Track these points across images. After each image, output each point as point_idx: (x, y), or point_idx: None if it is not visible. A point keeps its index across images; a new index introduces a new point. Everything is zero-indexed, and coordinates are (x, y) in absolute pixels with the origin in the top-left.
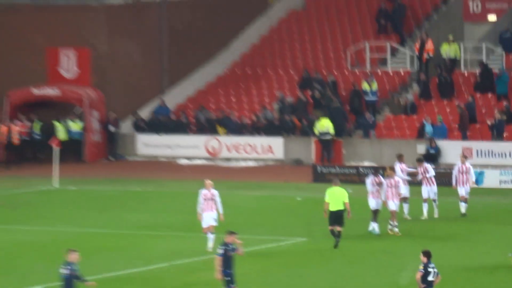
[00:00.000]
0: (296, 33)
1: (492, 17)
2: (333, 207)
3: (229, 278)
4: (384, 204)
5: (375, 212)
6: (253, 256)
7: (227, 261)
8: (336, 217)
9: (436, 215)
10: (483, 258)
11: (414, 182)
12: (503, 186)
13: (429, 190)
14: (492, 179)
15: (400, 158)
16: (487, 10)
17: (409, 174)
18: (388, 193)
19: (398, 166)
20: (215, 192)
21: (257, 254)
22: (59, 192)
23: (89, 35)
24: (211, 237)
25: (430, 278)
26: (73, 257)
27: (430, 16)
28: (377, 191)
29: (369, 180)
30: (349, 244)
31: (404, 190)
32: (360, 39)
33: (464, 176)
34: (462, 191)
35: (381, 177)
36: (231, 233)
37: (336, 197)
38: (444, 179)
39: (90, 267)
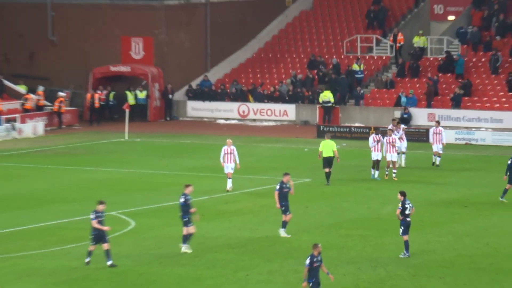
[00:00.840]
0: (306, 27)
1: (451, 17)
2: (325, 154)
3: (283, 208)
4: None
5: (376, 162)
6: (271, 191)
7: (283, 195)
8: (328, 161)
9: (403, 165)
10: (442, 195)
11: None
12: (458, 142)
13: (401, 145)
14: (449, 137)
15: (394, 122)
16: (448, 12)
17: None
18: (388, 147)
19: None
20: (233, 147)
21: (273, 190)
22: (129, 143)
23: (152, 27)
24: (229, 180)
25: (407, 212)
26: (189, 189)
27: (405, 15)
28: (377, 145)
29: (371, 138)
30: (343, 184)
31: (399, 145)
32: (353, 32)
33: (437, 136)
34: (436, 147)
35: (380, 135)
36: (286, 174)
37: (327, 147)
38: (414, 136)
39: (153, 198)
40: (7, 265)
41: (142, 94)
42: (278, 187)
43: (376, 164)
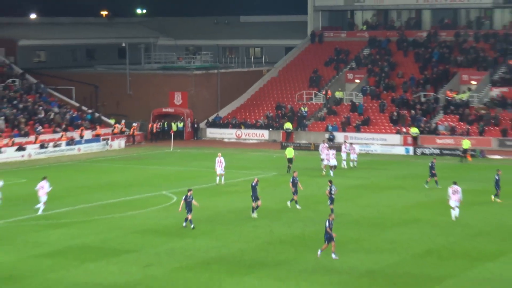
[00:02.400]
0: (274, 86)
1: (357, 81)
2: (288, 156)
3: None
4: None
5: (326, 165)
6: (249, 180)
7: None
8: (290, 160)
9: (351, 165)
10: (356, 182)
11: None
12: (361, 152)
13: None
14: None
15: (324, 140)
16: (355, 78)
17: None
18: (329, 155)
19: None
20: (222, 158)
21: (252, 179)
22: (173, 153)
23: (186, 86)
24: (217, 178)
25: (332, 192)
26: (256, 180)
27: (331, 79)
28: (326, 153)
29: (320, 147)
30: (301, 177)
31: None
32: (301, 89)
33: (353, 150)
34: (353, 157)
35: (327, 145)
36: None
37: (290, 152)
38: (336, 149)
39: (188, 184)
40: (103, 223)
41: (180, 124)
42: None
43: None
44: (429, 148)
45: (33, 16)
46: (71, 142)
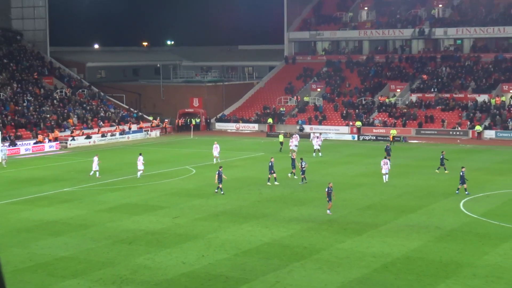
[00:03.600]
0: (262, 93)
1: (319, 89)
2: (280, 140)
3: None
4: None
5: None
6: (248, 158)
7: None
8: (281, 143)
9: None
10: (326, 159)
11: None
12: (323, 138)
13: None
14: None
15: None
16: (317, 87)
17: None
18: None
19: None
20: (218, 145)
21: (248, 157)
22: (192, 140)
23: (201, 93)
24: (214, 160)
25: (303, 166)
26: (272, 160)
27: (301, 88)
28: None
29: (292, 137)
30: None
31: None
32: (280, 95)
33: (318, 139)
34: (316, 144)
35: (296, 135)
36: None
37: (281, 137)
38: (304, 136)
39: (204, 161)
40: (144, 188)
41: (198, 120)
42: (270, 164)
43: (295, 146)
44: (368, 135)
45: (96, 46)
46: (122, 132)
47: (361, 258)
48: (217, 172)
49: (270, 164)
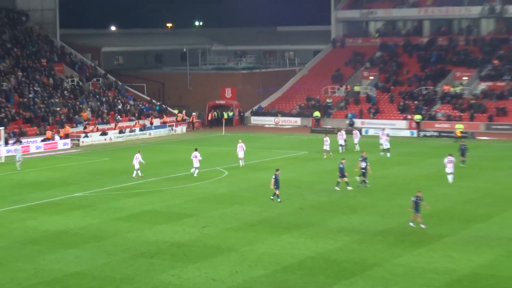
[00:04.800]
0: (305, 83)
1: (371, 77)
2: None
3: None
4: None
5: (340, 145)
6: (289, 157)
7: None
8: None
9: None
10: (380, 158)
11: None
12: (375, 134)
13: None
14: (371, 132)
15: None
16: (370, 75)
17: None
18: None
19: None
20: (243, 144)
21: (289, 157)
22: (224, 136)
23: (235, 83)
24: (241, 162)
25: (363, 167)
26: (344, 161)
27: (350, 76)
28: (340, 137)
29: (338, 134)
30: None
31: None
32: (327, 84)
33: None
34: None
35: (343, 132)
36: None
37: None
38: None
39: (237, 161)
40: (168, 192)
41: (231, 113)
42: (340, 166)
43: (340, 146)
44: (429, 131)
45: (113, 28)
46: (143, 128)
47: (421, 275)
48: (273, 176)
49: (340, 166)
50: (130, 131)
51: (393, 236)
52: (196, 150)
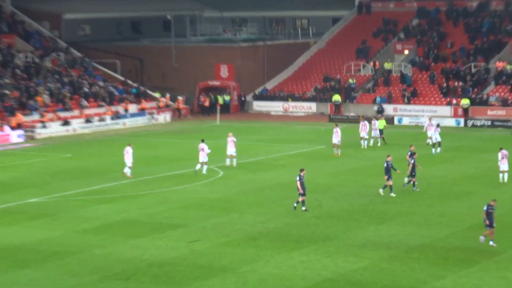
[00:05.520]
0: (322, 58)
1: (406, 51)
2: (379, 127)
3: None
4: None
5: (362, 138)
6: (303, 153)
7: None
8: (381, 131)
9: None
10: (418, 154)
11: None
12: (410, 124)
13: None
14: (405, 121)
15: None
16: (404, 48)
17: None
18: (363, 128)
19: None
20: (234, 138)
21: (301, 153)
22: (219, 126)
23: (232, 58)
24: (228, 160)
25: (412, 161)
26: (390, 158)
27: (379, 50)
28: (364, 128)
29: (360, 124)
30: (344, 149)
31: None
32: (349, 61)
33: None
34: (430, 133)
35: (365, 121)
36: (412, 151)
37: (381, 123)
38: (386, 121)
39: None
40: (149, 197)
41: (227, 97)
42: (385, 165)
43: (362, 140)
44: (480, 119)
45: None
46: (116, 116)
47: None
48: (297, 178)
49: (386, 165)
50: (100, 120)
51: (433, 252)
52: (203, 141)
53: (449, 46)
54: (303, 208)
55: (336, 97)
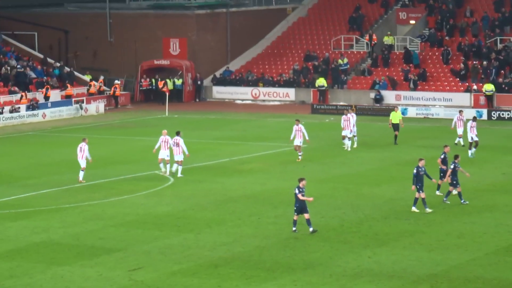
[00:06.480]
0: (302, 30)
1: (412, 21)
2: (394, 121)
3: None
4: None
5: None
6: (277, 154)
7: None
8: (395, 126)
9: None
10: (427, 155)
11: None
12: (418, 116)
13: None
14: (411, 113)
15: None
16: (410, 18)
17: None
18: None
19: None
20: (168, 137)
21: (276, 154)
22: (168, 118)
23: (186, 30)
24: (162, 166)
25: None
26: (422, 163)
27: (377, 20)
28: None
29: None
30: (330, 149)
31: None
32: (338, 33)
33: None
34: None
35: (351, 114)
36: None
37: (395, 116)
38: (384, 112)
39: (188, 160)
40: (76, 212)
41: (178, 81)
42: (415, 171)
43: (345, 139)
44: (508, 110)
45: None
46: (33, 105)
47: None
48: (296, 190)
49: (417, 171)
50: (11, 111)
51: (448, 285)
52: (178, 134)
53: (468, 15)
54: (311, 230)
55: (321, 81)
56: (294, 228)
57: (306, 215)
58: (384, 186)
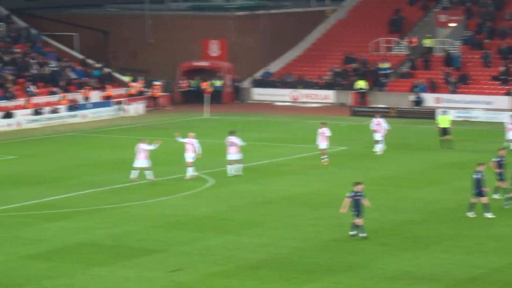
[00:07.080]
0: (342, 32)
1: (452, 24)
2: (441, 125)
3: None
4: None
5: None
6: (316, 156)
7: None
8: (444, 130)
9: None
10: (466, 159)
11: None
12: (458, 119)
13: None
14: (451, 115)
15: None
16: (449, 20)
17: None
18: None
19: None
20: (195, 141)
21: (315, 156)
22: (208, 120)
23: (225, 32)
24: (190, 170)
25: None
26: (483, 167)
27: (417, 23)
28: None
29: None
30: (368, 151)
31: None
32: (378, 36)
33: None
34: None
35: (381, 119)
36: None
37: (444, 120)
38: (425, 115)
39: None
40: (115, 213)
41: (218, 83)
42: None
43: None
44: None
45: None
46: (73, 106)
47: None
48: (350, 195)
49: (477, 176)
50: (52, 112)
51: (489, 287)
52: (232, 133)
53: (509, 18)
54: (364, 235)
55: (361, 83)
56: (352, 232)
57: (359, 219)
58: (424, 188)
